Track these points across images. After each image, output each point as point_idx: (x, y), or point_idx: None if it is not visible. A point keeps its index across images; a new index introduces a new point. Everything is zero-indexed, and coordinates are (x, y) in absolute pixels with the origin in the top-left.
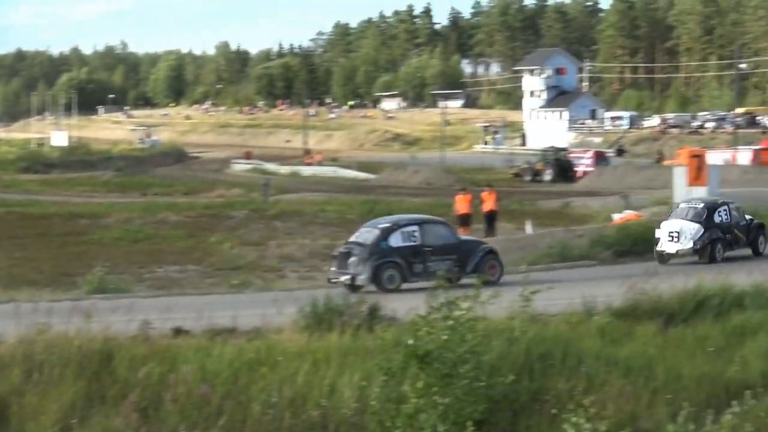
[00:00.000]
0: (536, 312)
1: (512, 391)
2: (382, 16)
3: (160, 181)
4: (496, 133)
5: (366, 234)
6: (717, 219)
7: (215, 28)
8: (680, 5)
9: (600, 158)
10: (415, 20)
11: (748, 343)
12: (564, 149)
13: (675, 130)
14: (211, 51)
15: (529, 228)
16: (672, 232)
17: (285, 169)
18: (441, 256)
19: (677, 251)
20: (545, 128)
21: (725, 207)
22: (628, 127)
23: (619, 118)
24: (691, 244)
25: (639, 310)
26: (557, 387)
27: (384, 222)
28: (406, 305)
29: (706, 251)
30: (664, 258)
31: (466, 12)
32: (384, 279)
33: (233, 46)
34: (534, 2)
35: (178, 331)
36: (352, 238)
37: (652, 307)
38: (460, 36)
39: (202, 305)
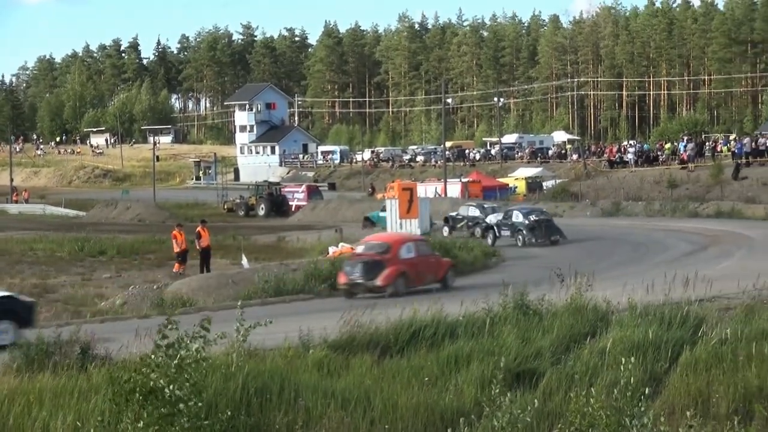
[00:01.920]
0: (252, 346)
1: (230, 427)
2: (87, 51)
3: None
4: (208, 168)
5: None
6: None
7: None
8: (387, 41)
9: (313, 192)
10: (122, 54)
11: (462, 371)
12: (277, 184)
13: (386, 164)
14: None
15: (245, 262)
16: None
17: None
18: None
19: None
20: (257, 163)
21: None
22: (339, 161)
23: (331, 152)
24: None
25: (355, 342)
26: (275, 421)
27: None
28: (117, 344)
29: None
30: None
31: (174, 46)
32: None
33: None
34: (242, 37)
35: None
36: None
37: (368, 339)
38: (169, 70)
39: None
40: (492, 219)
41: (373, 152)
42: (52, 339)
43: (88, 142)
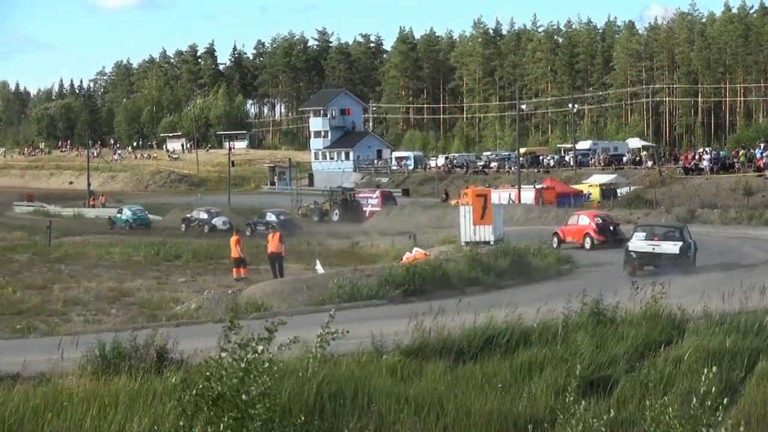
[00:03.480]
0: (326, 352)
1: None
2: (164, 56)
3: None
4: (282, 173)
5: None
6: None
7: None
8: (461, 47)
9: (387, 198)
10: (198, 60)
11: (535, 378)
12: (351, 189)
13: (460, 170)
14: None
15: (319, 267)
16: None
17: (68, 211)
18: None
19: None
20: (332, 168)
21: None
22: (413, 166)
23: (405, 158)
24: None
25: (428, 348)
26: (348, 426)
27: None
28: (193, 347)
29: None
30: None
31: (250, 52)
32: None
33: (11, 85)
34: (317, 43)
35: None
36: None
37: (442, 345)
38: (244, 76)
39: None
40: (217, 221)
41: (447, 158)
42: (128, 342)
43: (164, 147)
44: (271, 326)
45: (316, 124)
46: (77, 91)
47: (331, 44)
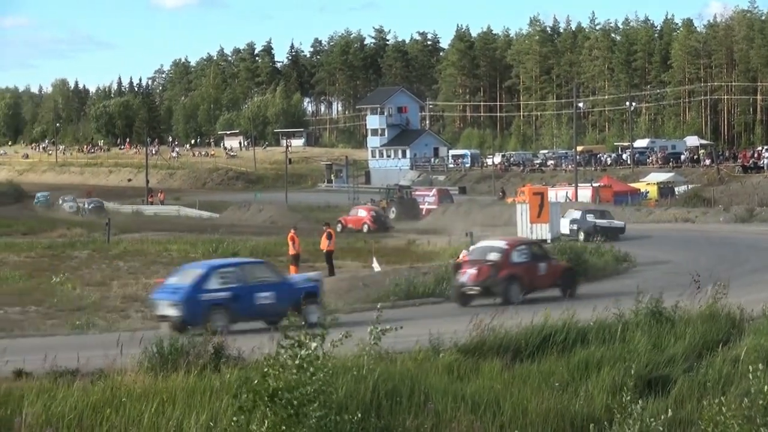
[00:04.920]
0: (383, 349)
1: (360, 429)
2: (222, 54)
3: None
4: (339, 171)
5: None
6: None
7: (52, 64)
8: (518, 45)
9: (444, 196)
10: (255, 58)
11: (592, 377)
12: (408, 187)
13: (517, 168)
14: (49, 88)
15: (376, 265)
16: None
17: (127, 208)
18: None
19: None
20: (389, 166)
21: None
22: (470, 164)
23: (462, 156)
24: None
25: (485, 346)
26: (405, 424)
27: None
28: (250, 345)
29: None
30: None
31: (307, 50)
32: None
33: (71, 83)
34: (374, 41)
35: (19, 374)
36: None
37: (498, 344)
38: (301, 74)
39: (45, 347)
40: (65, 205)
41: (503, 156)
42: (185, 339)
43: (222, 144)
44: (323, 321)
45: (372, 121)
46: (136, 89)
47: (388, 42)
